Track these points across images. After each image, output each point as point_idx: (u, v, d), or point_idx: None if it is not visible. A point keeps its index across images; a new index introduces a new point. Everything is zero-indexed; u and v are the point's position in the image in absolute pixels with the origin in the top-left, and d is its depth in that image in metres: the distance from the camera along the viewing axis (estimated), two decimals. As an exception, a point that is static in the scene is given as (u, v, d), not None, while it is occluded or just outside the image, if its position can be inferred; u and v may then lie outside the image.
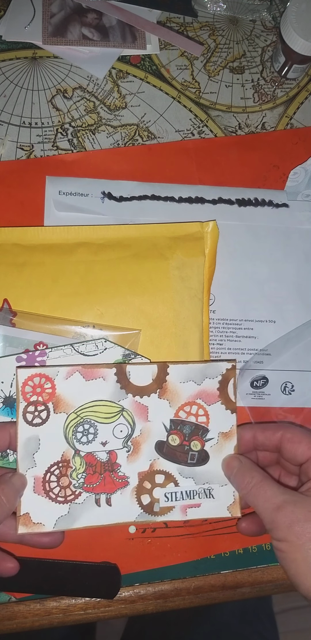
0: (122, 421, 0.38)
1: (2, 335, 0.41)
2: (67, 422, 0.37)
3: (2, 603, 0.41)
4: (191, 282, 0.44)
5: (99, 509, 0.37)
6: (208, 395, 0.39)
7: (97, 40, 0.54)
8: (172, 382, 0.38)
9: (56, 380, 0.37)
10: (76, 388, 0.37)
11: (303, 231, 0.49)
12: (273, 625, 0.68)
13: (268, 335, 0.47)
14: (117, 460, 0.38)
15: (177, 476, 0.38)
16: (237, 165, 0.51)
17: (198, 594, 0.42)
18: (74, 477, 0.37)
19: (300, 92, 0.56)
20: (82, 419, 0.37)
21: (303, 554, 0.30)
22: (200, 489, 0.38)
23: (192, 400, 0.39)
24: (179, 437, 0.38)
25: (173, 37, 0.55)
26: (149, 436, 0.38)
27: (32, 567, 0.39)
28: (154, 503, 0.38)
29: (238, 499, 0.38)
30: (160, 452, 0.38)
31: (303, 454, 0.36)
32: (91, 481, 0.37)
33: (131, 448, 0.38)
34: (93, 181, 0.49)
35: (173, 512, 0.38)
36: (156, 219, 0.48)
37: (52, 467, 0.37)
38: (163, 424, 0.38)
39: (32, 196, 0.48)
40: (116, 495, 0.38)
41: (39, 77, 0.53)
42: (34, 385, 0.37)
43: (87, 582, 0.40)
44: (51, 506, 0.37)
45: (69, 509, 0.37)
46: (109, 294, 0.43)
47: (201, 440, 0.39)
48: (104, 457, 0.38)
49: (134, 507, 0.38)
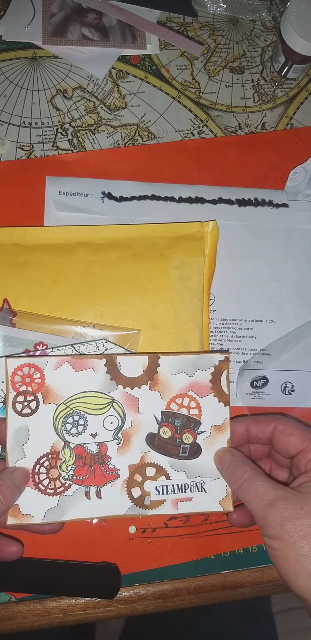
0: (113, 413, 0.38)
1: (2, 335, 0.41)
2: (56, 413, 0.37)
3: (2, 603, 0.41)
4: (191, 282, 0.44)
5: (89, 502, 0.37)
6: (200, 388, 0.38)
7: (97, 40, 0.54)
8: (163, 373, 0.38)
9: (45, 371, 0.37)
10: (66, 379, 0.37)
11: (303, 231, 0.49)
12: (272, 625, 0.68)
13: (268, 335, 0.47)
14: (108, 452, 0.37)
15: (168, 469, 0.38)
16: (237, 165, 0.51)
17: (198, 594, 0.42)
18: (64, 469, 0.37)
19: (300, 92, 0.56)
20: (71, 410, 0.37)
21: (295, 553, 0.30)
22: (192, 483, 0.38)
23: (184, 393, 0.38)
24: (171, 430, 0.38)
25: (173, 37, 0.55)
26: (140, 428, 0.38)
27: (32, 567, 0.39)
28: (144, 496, 0.38)
29: (230, 493, 0.38)
30: (151, 444, 0.38)
31: (295, 447, 0.36)
32: (81, 473, 0.37)
33: (121, 440, 0.38)
34: (93, 181, 0.49)
35: (164, 506, 0.38)
36: (156, 219, 0.48)
37: (42, 458, 0.37)
38: (154, 416, 0.38)
39: (32, 196, 0.48)
40: (106, 488, 0.37)
41: (39, 77, 0.53)
42: (23, 375, 0.37)
43: (87, 582, 0.40)
44: (40, 498, 0.36)
45: (58, 501, 0.37)
46: (109, 294, 0.43)
47: (193, 433, 0.38)
48: (94, 449, 0.37)
49: (125, 500, 0.37)
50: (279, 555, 0.31)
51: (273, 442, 0.37)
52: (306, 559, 0.30)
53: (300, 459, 0.35)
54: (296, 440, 0.36)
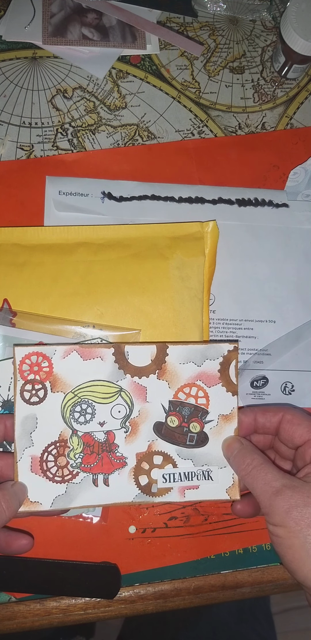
0: (121, 402, 0.38)
1: (2, 335, 0.41)
2: (64, 401, 0.37)
3: (2, 603, 0.41)
4: (191, 282, 0.44)
5: (97, 489, 0.37)
6: (209, 377, 0.38)
7: (97, 40, 0.54)
8: (171, 363, 0.38)
9: (53, 359, 0.37)
10: (74, 367, 0.37)
11: (303, 231, 0.49)
12: (271, 625, 0.68)
13: (268, 335, 0.47)
14: (115, 440, 0.38)
15: (175, 457, 0.38)
16: (237, 165, 0.51)
17: (198, 594, 0.42)
18: (72, 457, 0.37)
19: (300, 92, 0.56)
20: (79, 399, 0.37)
21: (301, 540, 0.30)
22: (199, 471, 0.38)
23: (192, 382, 0.38)
24: (178, 419, 0.38)
25: (173, 37, 0.55)
26: (147, 417, 0.38)
27: (32, 567, 0.39)
28: (152, 484, 0.38)
29: (237, 481, 0.38)
30: (158, 433, 0.38)
31: (301, 436, 0.36)
32: (89, 461, 0.37)
33: (129, 429, 0.38)
34: (93, 181, 0.49)
35: (171, 494, 0.38)
36: (156, 219, 0.48)
37: (50, 446, 0.37)
38: (161, 405, 0.38)
39: (32, 196, 0.48)
40: (114, 475, 0.37)
41: (39, 77, 0.53)
42: (31, 363, 0.37)
43: (87, 582, 0.40)
44: (48, 485, 0.37)
45: (66, 489, 0.37)
46: (109, 294, 0.43)
47: (200, 422, 0.38)
48: (101, 437, 0.38)
49: (132, 488, 0.38)
50: (284, 543, 0.31)
51: (279, 432, 0.38)
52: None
53: (305, 449, 0.36)
54: (303, 430, 0.36)
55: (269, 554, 0.43)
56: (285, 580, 0.43)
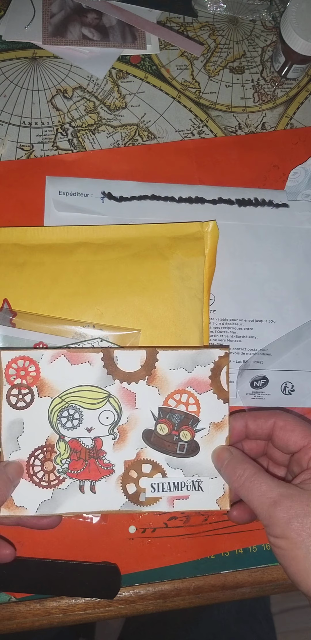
0: (109, 408, 0.37)
1: (2, 335, 0.41)
2: (51, 406, 0.37)
3: (2, 603, 0.41)
4: (191, 282, 0.44)
5: (83, 496, 0.37)
6: (199, 384, 0.38)
7: (97, 40, 0.54)
8: (161, 368, 0.37)
9: (41, 364, 0.37)
10: (61, 372, 0.37)
11: (303, 231, 0.49)
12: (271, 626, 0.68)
13: (268, 335, 0.47)
14: (103, 447, 0.37)
15: (165, 466, 0.37)
16: (237, 165, 0.51)
17: (198, 594, 0.42)
18: (58, 462, 0.37)
19: (300, 92, 0.56)
20: (67, 404, 0.37)
21: (304, 551, 0.29)
22: (189, 481, 0.37)
23: (182, 388, 0.38)
24: (168, 426, 0.37)
25: (173, 37, 0.55)
26: (136, 424, 0.37)
27: (32, 567, 0.39)
28: (140, 493, 0.37)
29: (228, 491, 0.37)
30: (148, 441, 0.37)
31: (296, 443, 0.35)
32: (76, 467, 0.37)
33: (117, 435, 0.37)
34: (93, 181, 0.49)
35: (160, 503, 0.37)
36: (156, 219, 0.48)
37: (36, 451, 0.37)
38: (151, 411, 0.37)
39: (32, 196, 0.48)
40: (101, 482, 0.37)
41: (39, 77, 0.53)
42: (18, 368, 0.36)
43: (87, 582, 0.40)
44: (34, 490, 0.36)
45: (52, 494, 0.36)
46: (109, 294, 0.43)
47: (191, 430, 0.38)
48: (89, 443, 0.37)
49: (119, 496, 0.37)
50: (287, 555, 0.30)
51: (272, 439, 0.37)
52: None
53: (301, 455, 0.35)
54: (298, 437, 0.35)
55: (269, 554, 0.43)
56: (285, 580, 0.43)
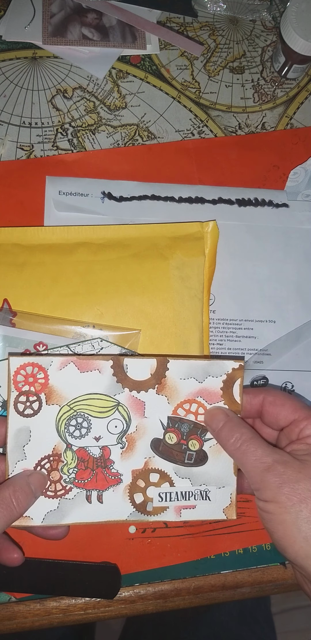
0: (118, 416, 0.37)
1: (2, 335, 0.41)
2: (59, 414, 0.36)
3: (2, 603, 0.41)
4: (191, 282, 0.44)
5: (90, 506, 0.36)
6: (210, 395, 0.37)
7: (97, 40, 0.54)
8: (171, 377, 0.37)
9: (49, 371, 0.36)
10: (70, 379, 0.36)
11: (303, 231, 0.49)
12: (271, 627, 0.68)
13: (268, 335, 0.47)
14: (111, 456, 0.37)
15: (172, 476, 0.37)
16: (237, 165, 0.51)
17: (198, 594, 0.42)
18: (65, 471, 0.36)
19: (300, 92, 0.56)
20: (75, 412, 0.36)
21: (293, 516, 0.29)
22: (196, 491, 0.37)
23: (192, 398, 0.37)
24: (177, 436, 0.37)
25: (173, 37, 0.55)
26: (145, 433, 0.37)
27: (32, 567, 0.39)
28: (147, 502, 0.37)
29: (235, 501, 0.37)
30: (156, 450, 0.37)
31: (286, 418, 0.35)
32: (82, 477, 0.36)
33: (125, 444, 0.37)
34: (93, 181, 0.49)
35: (167, 513, 0.37)
36: (156, 219, 0.48)
37: (43, 460, 0.36)
38: (160, 420, 0.37)
39: (32, 196, 0.48)
40: (108, 492, 0.37)
41: (39, 77, 0.53)
42: (26, 374, 0.36)
43: (87, 582, 0.40)
44: (40, 500, 0.36)
45: (58, 504, 0.36)
46: (109, 294, 0.43)
47: (199, 439, 0.37)
48: (97, 452, 0.37)
49: (126, 506, 0.37)
50: (275, 519, 0.30)
51: (262, 415, 0.37)
52: (304, 522, 0.29)
53: (292, 428, 0.35)
54: (288, 411, 0.35)
55: (269, 554, 0.43)
56: (285, 580, 0.43)
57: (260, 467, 0.32)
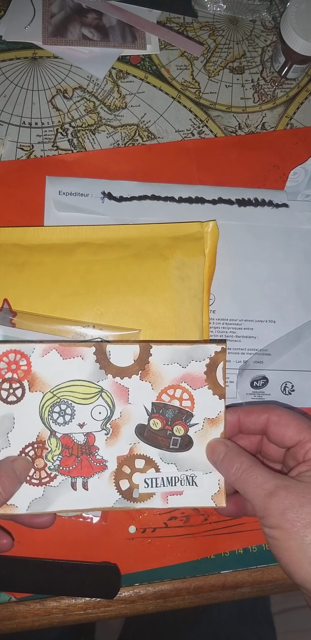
0: (101, 403, 0.37)
1: (2, 335, 0.41)
2: (43, 401, 0.36)
3: (2, 603, 0.41)
4: (191, 282, 0.44)
5: (75, 493, 0.36)
6: (194, 379, 0.37)
7: (97, 40, 0.54)
8: (155, 363, 0.37)
9: (32, 358, 0.36)
10: (53, 366, 0.36)
11: (303, 231, 0.49)
12: (271, 626, 0.68)
13: (268, 335, 0.47)
14: (95, 443, 0.37)
15: (158, 461, 0.37)
16: (237, 165, 0.51)
17: (198, 594, 0.42)
18: (50, 459, 0.36)
19: (300, 92, 0.56)
20: (58, 399, 0.36)
21: (298, 542, 0.29)
22: (182, 476, 0.37)
23: (176, 384, 0.37)
24: (162, 421, 0.37)
25: (173, 37, 0.55)
26: (129, 419, 0.37)
27: (32, 567, 0.39)
28: (133, 489, 0.37)
29: (224, 488, 0.37)
30: (141, 436, 0.37)
31: (291, 438, 0.35)
32: (67, 464, 0.36)
33: (110, 431, 0.37)
34: (93, 181, 0.49)
35: (153, 500, 0.37)
36: (156, 219, 0.48)
37: (27, 447, 0.36)
38: (144, 407, 0.37)
39: (32, 196, 0.48)
40: (93, 479, 0.36)
41: (39, 77, 0.53)
42: (8, 361, 0.36)
43: (87, 582, 0.40)
44: (25, 488, 0.35)
45: (43, 492, 0.36)
46: (109, 294, 0.43)
47: (184, 425, 0.37)
48: (81, 439, 0.36)
49: (112, 493, 0.36)
50: (281, 545, 0.30)
51: (267, 434, 0.37)
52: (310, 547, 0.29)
53: (297, 449, 0.35)
54: (293, 432, 0.35)
55: (269, 554, 0.43)
56: (285, 580, 0.43)
57: (262, 494, 0.31)
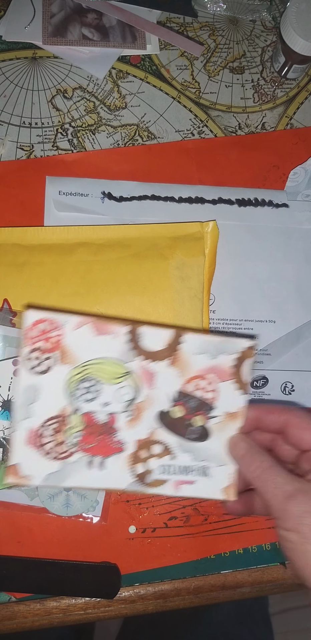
0: (128, 384, 0.36)
1: (2, 335, 0.41)
2: (70, 375, 0.35)
3: (2, 603, 0.41)
4: (191, 282, 0.44)
5: (91, 472, 0.36)
6: (221, 372, 0.37)
7: (97, 40, 0.54)
8: (185, 351, 0.36)
9: (65, 329, 0.35)
10: (84, 341, 0.35)
11: (303, 231, 0.49)
12: (268, 627, 0.68)
13: (268, 335, 0.47)
14: (116, 424, 0.36)
15: (175, 449, 0.37)
16: (237, 165, 0.51)
17: (198, 594, 0.42)
18: (70, 435, 0.36)
19: (300, 92, 0.56)
20: (86, 375, 0.36)
21: None
22: (196, 466, 0.37)
23: (203, 374, 0.37)
24: (184, 410, 0.37)
25: (173, 37, 0.55)
26: (152, 404, 0.36)
27: (32, 567, 0.40)
28: (147, 474, 0.36)
29: (235, 482, 0.37)
30: (161, 422, 0.37)
31: (309, 443, 0.35)
32: (87, 441, 0.36)
33: (132, 413, 0.36)
34: (93, 181, 0.49)
35: (165, 486, 0.37)
36: (156, 219, 0.48)
37: (49, 421, 0.35)
38: (168, 393, 0.37)
39: (32, 196, 0.48)
40: (110, 459, 0.36)
41: (39, 77, 0.53)
42: (40, 331, 0.35)
43: (87, 582, 0.40)
44: (42, 461, 0.35)
45: (60, 467, 0.35)
46: (109, 294, 0.43)
47: (205, 416, 0.37)
48: (103, 418, 0.36)
49: (127, 475, 0.36)
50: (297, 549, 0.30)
51: (285, 435, 0.37)
52: None
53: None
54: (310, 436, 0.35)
55: (269, 554, 0.43)
56: (285, 580, 0.43)
57: (280, 496, 0.31)
